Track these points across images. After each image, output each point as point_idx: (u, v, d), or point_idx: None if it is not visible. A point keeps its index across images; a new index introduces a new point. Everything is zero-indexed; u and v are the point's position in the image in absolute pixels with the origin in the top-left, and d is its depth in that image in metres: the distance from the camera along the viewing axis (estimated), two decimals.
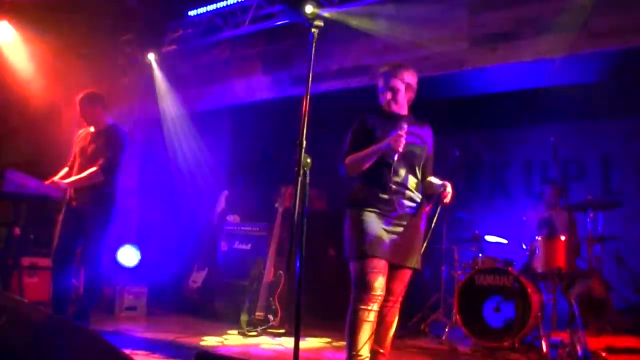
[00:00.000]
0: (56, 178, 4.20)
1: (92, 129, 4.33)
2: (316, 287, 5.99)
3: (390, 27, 5.25)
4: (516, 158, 6.98)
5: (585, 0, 4.39)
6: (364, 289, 2.77)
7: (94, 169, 4.10)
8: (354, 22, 5.23)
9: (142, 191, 7.34)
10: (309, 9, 5.08)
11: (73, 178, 4.14)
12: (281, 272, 4.99)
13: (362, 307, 2.78)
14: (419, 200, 2.99)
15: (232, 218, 6.05)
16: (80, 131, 4.42)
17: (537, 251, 4.80)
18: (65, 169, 4.36)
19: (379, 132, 2.95)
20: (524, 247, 5.29)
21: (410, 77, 3.05)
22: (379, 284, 2.79)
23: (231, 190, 6.71)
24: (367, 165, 2.91)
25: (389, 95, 3.02)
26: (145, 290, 5.77)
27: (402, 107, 3.07)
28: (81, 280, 4.22)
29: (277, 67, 6.23)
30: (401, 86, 3.02)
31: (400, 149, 2.80)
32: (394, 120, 2.99)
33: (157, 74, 6.78)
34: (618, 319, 4.68)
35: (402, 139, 2.80)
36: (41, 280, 5.72)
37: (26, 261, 5.53)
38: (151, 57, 6.68)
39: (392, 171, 2.88)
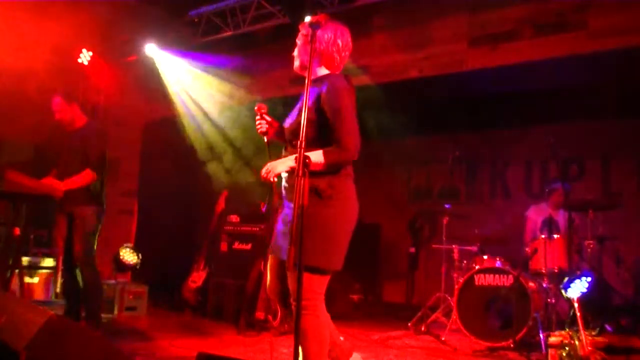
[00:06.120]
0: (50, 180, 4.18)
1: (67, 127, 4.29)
2: None
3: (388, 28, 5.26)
4: (516, 158, 6.98)
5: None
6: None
7: (85, 170, 4.08)
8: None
9: (142, 191, 7.33)
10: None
11: (68, 180, 4.07)
12: None
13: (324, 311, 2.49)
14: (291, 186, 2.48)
15: (232, 218, 6.04)
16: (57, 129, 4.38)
17: (537, 251, 4.81)
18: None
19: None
20: (525, 247, 5.29)
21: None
22: None
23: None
24: None
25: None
26: (145, 290, 5.77)
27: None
28: (82, 281, 4.20)
29: None
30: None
31: (260, 131, 2.57)
32: None
33: (162, 70, 6.65)
34: (618, 319, 4.68)
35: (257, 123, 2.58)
36: (41, 280, 5.72)
37: (26, 261, 5.52)
38: (152, 48, 6.44)
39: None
